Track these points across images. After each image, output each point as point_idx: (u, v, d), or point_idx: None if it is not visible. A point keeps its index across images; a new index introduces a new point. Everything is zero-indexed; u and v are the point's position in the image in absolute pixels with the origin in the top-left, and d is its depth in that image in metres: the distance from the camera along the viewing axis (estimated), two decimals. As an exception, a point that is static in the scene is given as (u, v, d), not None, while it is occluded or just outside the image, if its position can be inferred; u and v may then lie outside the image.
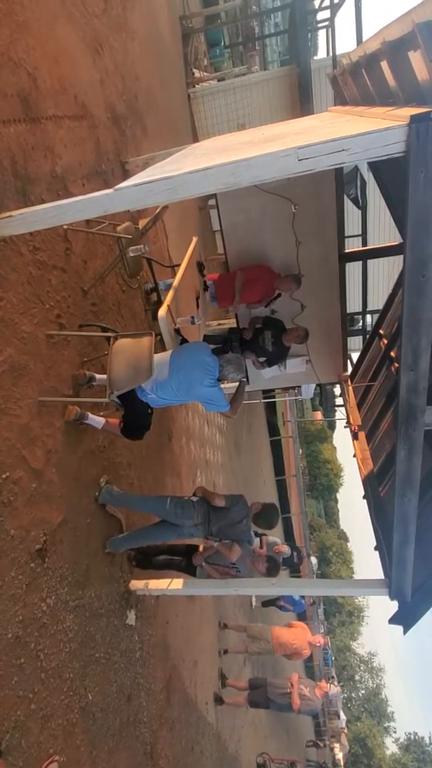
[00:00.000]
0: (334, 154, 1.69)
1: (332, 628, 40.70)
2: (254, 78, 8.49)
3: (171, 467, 5.08)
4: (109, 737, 2.90)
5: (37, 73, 2.87)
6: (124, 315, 4.07)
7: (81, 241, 3.31)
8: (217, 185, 1.80)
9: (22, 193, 2.62)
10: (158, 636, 3.95)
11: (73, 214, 1.93)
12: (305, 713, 5.67)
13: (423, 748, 35.62)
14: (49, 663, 2.40)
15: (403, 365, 2.12)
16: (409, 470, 2.42)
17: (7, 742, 2.04)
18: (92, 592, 2.95)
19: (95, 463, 3.24)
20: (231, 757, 6.10)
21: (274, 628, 6.03)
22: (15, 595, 2.22)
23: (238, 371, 2.98)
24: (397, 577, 2.91)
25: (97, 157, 3.74)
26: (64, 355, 2.92)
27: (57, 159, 3.05)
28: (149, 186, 1.82)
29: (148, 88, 5.47)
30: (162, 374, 2.90)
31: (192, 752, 4.46)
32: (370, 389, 4.93)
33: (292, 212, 4.54)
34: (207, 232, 8.68)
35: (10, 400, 2.39)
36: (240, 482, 10.68)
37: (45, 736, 2.28)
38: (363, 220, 8.59)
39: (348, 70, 3.25)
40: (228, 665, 6.29)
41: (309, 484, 42.28)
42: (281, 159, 1.72)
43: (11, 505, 2.29)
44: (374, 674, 41.70)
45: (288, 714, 6.76)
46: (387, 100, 2.46)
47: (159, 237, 5.36)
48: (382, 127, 1.64)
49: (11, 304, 2.46)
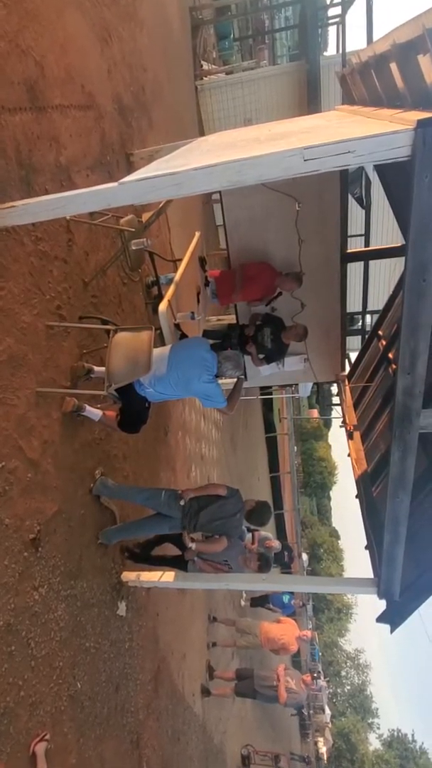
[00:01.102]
0: (339, 156, 1.69)
1: (320, 624, 41.02)
2: (262, 73, 8.43)
3: (166, 461, 5.10)
4: (97, 725, 2.93)
5: (44, 62, 2.85)
6: (125, 308, 4.07)
7: (83, 233, 3.30)
8: (222, 183, 1.80)
9: (26, 182, 2.61)
10: (148, 627, 3.98)
11: (77, 207, 1.93)
12: (291, 706, 5.74)
13: (406, 745, 36.07)
14: (39, 651, 2.42)
15: (400, 368, 2.14)
16: (403, 472, 2.45)
17: (-5, 728, 2.07)
18: (84, 582, 2.97)
19: (91, 455, 3.25)
20: (216, 748, 6.17)
21: (263, 623, 6.09)
22: (8, 584, 2.24)
23: (236, 368, 2.99)
24: (386, 577, 2.95)
25: (102, 149, 3.72)
26: (63, 347, 2.93)
27: (62, 149, 3.04)
28: (154, 181, 1.82)
29: (156, 79, 5.43)
30: (160, 369, 2.91)
31: (178, 742, 4.51)
32: (367, 389, 4.95)
33: (296, 210, 4.54)
34: (210, 226, 8.65)
35: (8, 390, 2.39)
36: (234, 478, 10.72)
37: (33, 722, 2.31)
38: (366, 219, 8.58)
39: (357, 69, 3.24)
40: (216, 658, 6.35)
41: (303, 481, 42.46)
42: (287, 159, 1.72)
43: (6, 494, 2.30)
44: (360, 671, 42.12)
45: (274, 705, 6.84)
46: (395, 102, 2.46)
47: (162, 230, 5.35)
48: (388, 131, 1.64)
49: (12, 294, 2.46)
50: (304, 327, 4.77)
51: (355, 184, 7.88)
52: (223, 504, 3.33)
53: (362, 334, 10.33)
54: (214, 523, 3.36)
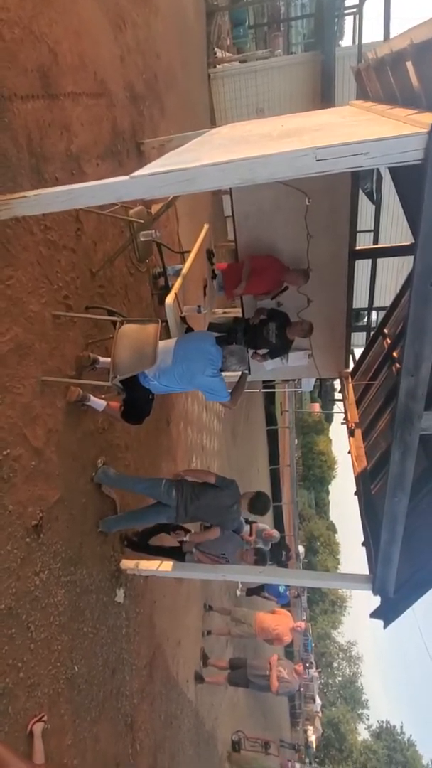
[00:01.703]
0: (352, 157, 1.69)
1: (314, 616, 41.47)
2: (277, 62, 8.32)
3: (168, 451, 5.14)
4: (92, 708, 3.01)
5: (58, 48, 2.83)
6: (131, 298, 4.08)
7: (92, 223, 3.30)
8: (234, 180, 1.80)
9: (37, 171, 2.61)
10: (145, 614, 4.05)
11: (87, 199, 1.93)
12: (283, 694, 5.84)
13: (394, 736, 36.62)
14: (38, 635, 2.48)
15: (404, 370, 2.15)
16: (402, 472, 2.47)
17: (-5, 707, 2.13)
18: (84, 569, 3.03)
19: (94, 445, 3.28)
20: (208, 733, 6.30)
21: (258, 614, 6.17)
22: (10, 568, 2.29)
23: (241, 363, 3.01)
24: (382, 574, 2.99)
25: (113, 137, 3.70)
26: (69, 336, 2.95)
27: (73, 137, 3.03)
28: (165, 176, 1.81)
29: (169, 66, 5.37)
30: (165, 362, 2.93)
31: (170, 726, 4.61)
32: (369, 387, 4.96)
33: (306, 205, 4.51)
34: (219, 217, 8.59)
35: (14, 379, 2.42)
36: (234, 469, 10.78)
37: (31, 703, 2.37)
38: (376, 215, 8.50)
39: (373, 65, 3.20)
40: (210, 646, 6.45)
41: (302, 474, 42.62)
42: (299, 158, 1.72)
43: (10, 481, 2.34)
44: (352, 663, 42.65)
45: (266, 694, 6.96)
46: (409, 102, 2.44)
47: (170, 221, 5.33)
48: (401, 134, 1.63)
49: (20, 283, 2.48)
50: (309, 323, 4.77)
51: (366, 179, 7.80)
52: (218, 494, 3.36)
53: (367, 330, 10.29)
54: (208, 512, 3.39)
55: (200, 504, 3.35)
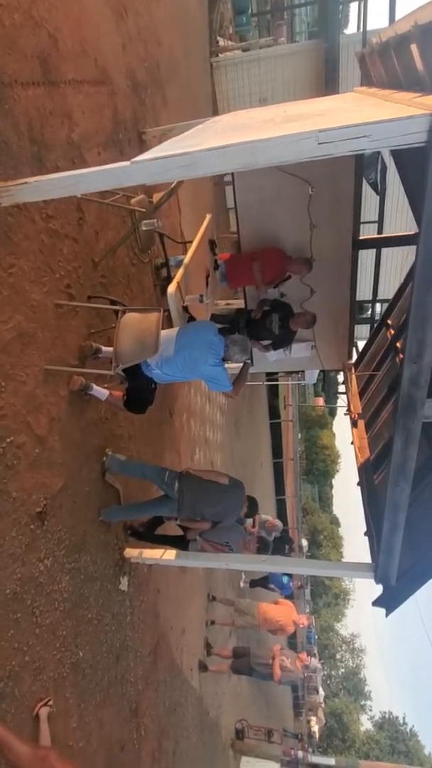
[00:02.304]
0: (354, 140, 1.67)
1: (317, 608, 41.69)
2: (280, 50, 8.22)
3: (170, 442, 5.16)
4: (97, 693, 3.05)
5: (58, 35, 2.81)
6: (133, 289, 4.07)
7: (94, 212, 3.29)
8: (235, 164, 1.79)
9: (38, 158, 2.60)
10: (149, 603, 4.09)
11: (88, 185, 1.93)
12: (286, 683, 5.90)
13: (396, 727, 36.89)
14: (43, 620, 2.51)
15: (407, 357, 2.14)
16: (405, 460, 2.47)
17: (1, 690, 2.16)
18: (88, 556, 3.05)
19: (97, 434, 3.30)
20: (212, 721, 6.37)
21: (261, 604, 6.22)
22: (15, 554, 2.31)
23: (243, 352, 3.00)
24: (384, 562, 3.00)
25: (114, 126, 3.68)
26: (71, 326, 2.95)
27: (74, 125, 3.02)
28: (166, 161, 1.81)
29: (171, 55, 5.32)
30: (168, 351, 2.93)
31: (174, 713, 4.66)
32: (373, 378, 4.95)
33: (309, 194, 4.48)
34: (221, 209, 8.55)
35: (17, 367, 2.43)
36: (238, 462, 10.81)
37: (37, 686, 2.41)
38: (380, 206, 8.42)
39: (377, 49, 3.16)
40: (214, 636, 6.50)
41: (305, 468, 42.64)
42: (301, 141, 1.71)
43: (14, 468, 2.35)
44: (355, 655, 42.89)
45: (269, 683, 7.02)
46: (414, 85, 2.41)
47: (172, 211, 5.31)
48: (404, 115, 1.61)
49: (22, 271, 2.48)
50: (312, 314, 4.75)
51: (370, 168, 7.72)
52: (224, 495, 3.39)
53: (371, 322, 10.24)
54: (210, 509, 3.41)
55: (204, 501, 3.38)
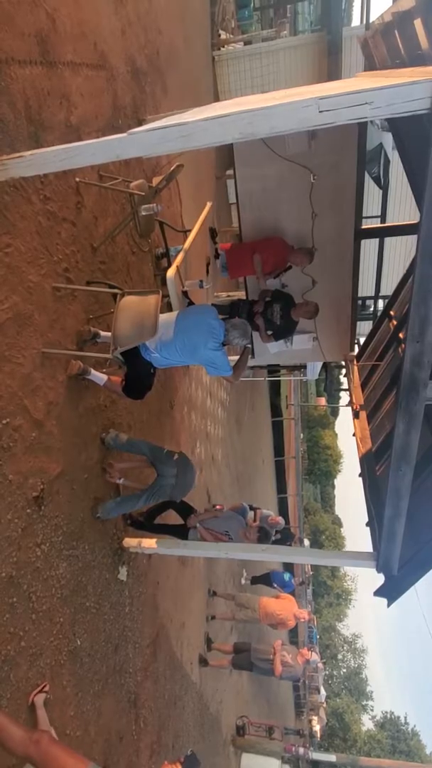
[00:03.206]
0: (356, 107, 1.64)
1: (319, 608, 41.61)
2: (282, 43, 8.16)
3: (171, 434, 5.12)
4: (95, 682, 3.01)
5: (56, 15, 2.77)
6: (133, 277, 4.04)
7: (93, 196, 3.26)
8: (234, 134, 1.75)
9: (35, 138, 2.57)
10: (148, 594, 4.05)
11: (85, 158, 1.89)
12: (286, 678, 5.85)
13: (398, 726, 36.82)
14: (40, 605, 2.47)
15: (409, 336, 2.09)
16: (407, 443, 2.42)
17: (-4, 674, 2.13)
18: (86, 544, 3.02)
19: (95, 421, 3.26)
20: (212, 716, 6.33)
21: (262, 598, 6.17)
22: (11, 537, 2.28)
23: (243, 336, 2.96)
24: (386, 551, 2.95)
25: (113, 111, 3.65)
26: (69, 310, 2.92)
27: (72, 108, 2.98)
28: (163, 131, 1.77)
29: (171, 44, 5.28)
30: (167, 334, 2.89)
31: (174, 706, 4.63)
32: (375, 370, 4.90)
33: (311, 183, 4.44)
34: (223, 204, 8.51)
35: (14, 348, 2.39)
36: (239, 459, 10.77)
37: (33, 672, 2.37)
38: (383, 200, 8.36)
39: (380, 30, 3.12)
40: (215, 631, 6.46)
41: (307, 468, 42.56)
42: (301, 109, 1.67)
43: (10, 450, 2.32)
44: (357, 655, 42.81)
45: (269, 680, 6.98)
46: (418, 61, 2.36)
47: (173, 202, 5.27)
48: (407, 81, 1.57)
49: (19, 251, 2.44)
50: (315, 304, 4.71)
51: (373, 162, 7.67)
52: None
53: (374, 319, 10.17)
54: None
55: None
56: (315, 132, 4.08)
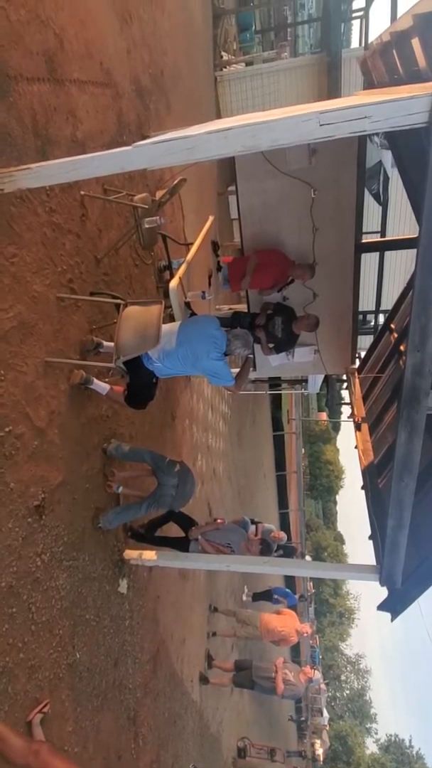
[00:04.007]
0: (356, 121, 1.67)
1: (322, 627, 40.89)
2: (283, 65, 8.39)
3: (172, 446, 5.11)
4: (94, 697, 2.95)
5: (63, 35, 2.86)
6: (136, 289, 4.08)
7: (97, 209, 3.31)
8: (237, 147, 1.79)
9: (41, 152, 2.62)
10: (148, 608, 3.99)
11: (91, 170, 1.93)
12: (288, 698, 5.73)
13: (402, 750, 35.85)
14: (40, 617, 2.44)
15: (410, 346, 2.11)
16: (409, 453, 2.41)
17: (-7, 686, 2.09)
18: (86, 555, 2.99)
19: (97, 431, 3.26)
20: (212, 737, 6.18)
21: (263, 615, 6.08)
22: (11, 546, 2.26)
23: (245, 347, 2.98)
24: (389, 563, 2.92)
25: (118, 128, 3.73)
26: (73, 320, 2.94)
27: (78, 124, 3.05)
28: (168, 144, 1.81)
29: (175, 64, 5.43)
30: (169, 344, 2.91)
31: (174, 725, 4.52)
32: (376, 383, 4.91)
33: (311, 198, 4.51)
34: (225, 219, 8.63)
35: (18, 356, 2.41)
36: (240, 473, 10.71)
37: (31, 685, 2.33)
38: (383, 217, 8.48)
39: (378, 50, 3.20)
40: (215, 648, 6.35)
41: (309, 483, 42.28)
42: (302, 123, 1.71)
43: (12, 458, 2.32)
44: (360, 676, 41.93)
45: (271, 700, 6.83)
46: (416, 80, 2.43)
47: (176, 216, 5.35)
48: (405, 96, 1.62)
49: (24, 262, 2.48)
50: (315, 317, 4.74)
51: (373, 179, 7.80)
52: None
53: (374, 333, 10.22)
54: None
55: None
56: (315, 148, 4.16)
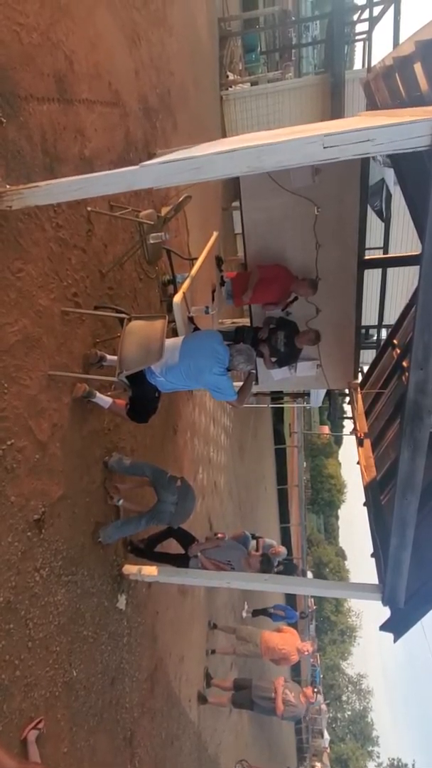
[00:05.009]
0: (359, 144, 1.70)
1: (323, 645, 40.18)
2: (287, 85, 8.56)
3: (173, 460, 5.09)
4: (90, 717, 2.90)
5: (73, 56, 2.93)
6: (140, 303, 4.11)
7: (103, 225, 3.36)
8: (242, 168, 1.82)
9: (50, 170, 2.67)
10: (147, 625, 3.94)
11: (99, 188, 1.96)
12: (288, 719, 5.61)
13: (406, 775, 34.92)
14: (37, 633, 2.41)
15: (413, 363, 2.11)
16: (412, 471, 2.40)
17: (-11, 705, 2.06)
18: (85, 570, 2.96)
19: (99, 445, 3.26)
20: (210, 758, 6.04)
21: (264, 632, 5.98)
22: (10, 561, 2.24)
23: (248, 362, 2.99)
24: (392, 582, 2.88)
25: (125, 146, 3.80)
26: (77, 334, 2.96)
27: (86, 142, 3.11)
28: (174, 164, 1.84)
29: (182, 85, 5.55)
30: (172, 358, 2.92)
31: (171, 746, 4.42)
32: (379, 398, 4.90)
33: (315, 215, 4.56)
34: (229, 234, 8.73)
35: (22, 370, 2.42)
36: (242, 486, 10.64)
37: (27, 704, 2.29)
38: (386, 233, 8.55)
39: (381, 73, 3.27)
40: (214, 666, 6.24)
41: (311, 498, 41.95)
42: (307, 145, 1.74)
43: (14, 471, 2.32)
44: (362, 696, 41.06)
45: (271, 721, 6.68)
46: (418, 104, 2.47)
47: (180, 231, 5.42)
48: (408, 119, 1.65)
49: (30, 276, 2.51)
50: (316, 331, 4.76)
51: (375, 196, 7.89)
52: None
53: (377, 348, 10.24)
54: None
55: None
56: (319, 167, 4.23)
